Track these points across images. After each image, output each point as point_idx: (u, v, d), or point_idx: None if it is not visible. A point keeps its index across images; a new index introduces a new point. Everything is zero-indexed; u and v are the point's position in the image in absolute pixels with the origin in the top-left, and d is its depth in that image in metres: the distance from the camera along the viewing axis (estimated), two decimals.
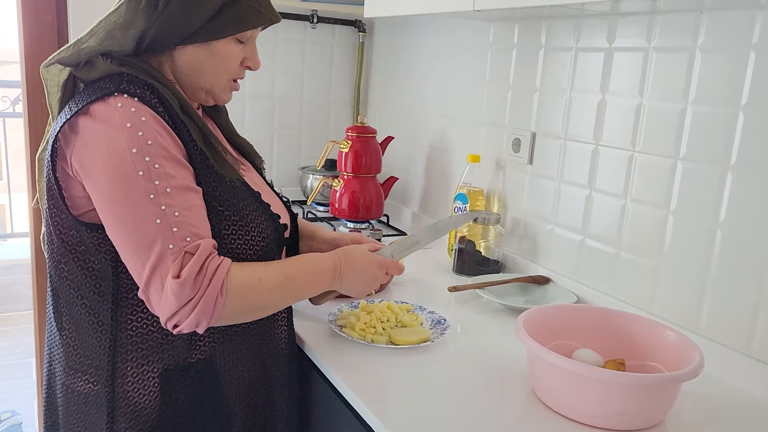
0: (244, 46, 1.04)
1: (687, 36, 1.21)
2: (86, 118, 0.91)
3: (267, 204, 1.05)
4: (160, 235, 0.88)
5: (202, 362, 1.01)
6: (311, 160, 2.39)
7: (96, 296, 0.97)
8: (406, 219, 2.16)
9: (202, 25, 0.97)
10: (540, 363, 1.00)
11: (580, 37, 1.45)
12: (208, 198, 0.96)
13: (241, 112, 2.25)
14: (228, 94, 1.08)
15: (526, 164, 1.62)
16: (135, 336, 0.98)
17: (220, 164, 0.99)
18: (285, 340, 1.13)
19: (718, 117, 1.16)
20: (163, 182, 0.89)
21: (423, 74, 2.06)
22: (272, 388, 1.11)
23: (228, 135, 1.17)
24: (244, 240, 1.00)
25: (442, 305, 1.41)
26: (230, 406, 1.05)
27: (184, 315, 0.88)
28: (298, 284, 1.03)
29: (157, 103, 0.93)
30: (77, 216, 0.95)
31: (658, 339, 1.07)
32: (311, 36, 2.31)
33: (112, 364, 0.98)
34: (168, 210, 0.89)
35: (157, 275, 0.88)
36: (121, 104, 0.90)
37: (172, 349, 0.99)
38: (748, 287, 1.12)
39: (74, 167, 0.92)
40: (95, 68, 0.95)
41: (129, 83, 0.92)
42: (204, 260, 0.89)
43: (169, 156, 0.91)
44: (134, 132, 0.89)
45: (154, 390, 0.98)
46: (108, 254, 0.95)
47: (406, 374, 1.09)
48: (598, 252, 1.43)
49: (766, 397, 1.08)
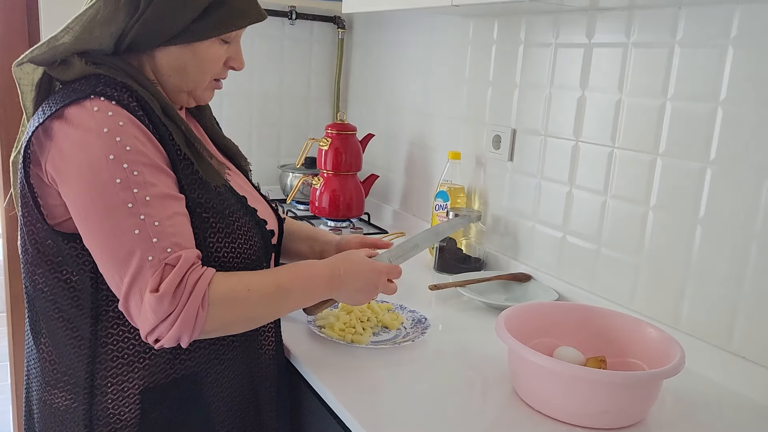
0: (229, 46, 1.00)
1: (666, 31, 1.21)
2: (61, 123, 0.86)
3: (253, 209, 1.00)
4: (138, 247, 0.83)
5: (185, 378, 0.96)
6: (291, 158, 2.37)
7: (74, 309, 0.92)
8: (387, 217, 2.14)
9: (186, 26, 0.93)
10: (521, 361, 0.99)
11: (560, 33, 1.44)
12: (192, 205, 0.91)
13: (219, 109, 2.22)
14: (210, 93, 1.04)
15: (506, 161, 1.61)
16: (115, 350, 0.93)
17: (206, 170, 0.94)
18: (273, 352, 1.08)
19: (697, 112, 1.16)
20: (142, 190, 0.85)
21: (403, 71, 2.05)
22: (261, 406, 1.07)
23: (212, 136, 1.12)
24: (231, 248, 0.95)
25: (423, 304, 1.40)
26: (216, 426, 1.01)
27: (165, 330, 0.84)
28: (291, 294, 0.97)
29: (136, 106, 0.88)
30: (53, 225, 0.90)
31: (639, 336, 1.07)
32: (290, 32, 2.29)
33: (91, 380, 0.93)
34: (147, 220, 0.84)
35: (136, 288, 0.83)
36: (97, 108, 0.85)
37: (154, 365, 0.94)
38: (728, 283, 1.12)
39: (49, 174, 0.87)
40: (71, 68, 0.90)
41: (106, 86, 0.88)
42: (185, 273, 0.84)
43: (149, 162, 0.86)
44: (111, 138, 0.84)
45: (135, 407, 0.94)
46: (87, 265, 0.90)
47: (385, 374, 1.07)
48: (578, 249, 1.42)
49: (746, 393, 1.08)
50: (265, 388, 1.07)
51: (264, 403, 1.07)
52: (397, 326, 1.24)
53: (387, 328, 1.24)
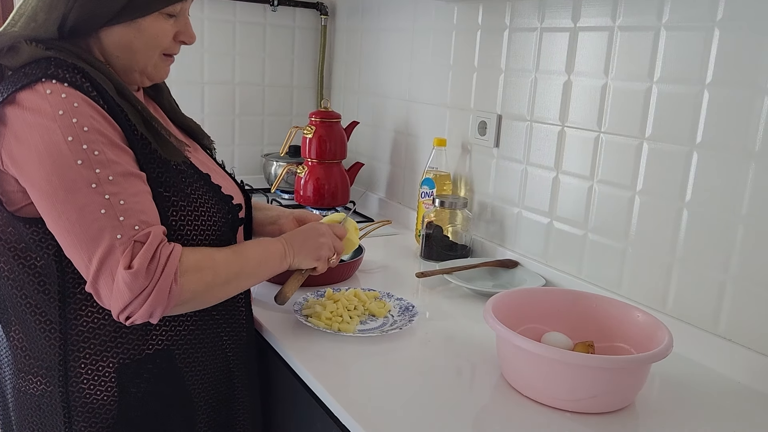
0: (176, 20, 0.98)
1: (651, 14, 1.20)
2: (14, 108, 0.84)
3: (217, 186, 1.00)
4: (106, 226, 0.84)
5: (159, 353, 0.97)
6: (274, 147, 2.34)
7: (41, 294, 0.92)
8: (372, 205, 2.13)
9: (125, 3, 0.91)
10: (509, 347, 0.99)
11: (545, 17, 1.43)
12: (153, 184, 0.91)
13: (201, 98, 2.19)
14: (164, 70, 1.02)
15: (492, 147, 1.60)
16: (86, 332, 0.93)
17: (164, 147, 0.94)
18: (245, 325, 1.09)
19: (683, 96, 1.15)
20: (104, 170, 0.84)
21: (387, 57, 2.03)
22: (234, 377, 1.08)
23: (172, 117, 1.11)
24: (194, 225, 0.95)
25: (410, 291, 1.39)
26: (193, 398, 1.02)
27: (138, 305, 0.85)
28: (250, 254, 1.01)
29: (89, 87, 0.87)
30: (13, 212, 0.90)
31: (626, 320, 1.07)
32: (272, 19, 2.25)
33: (64, 363, 0.93)
34: (113, 198, 0.84)
35: (107, 267, 0.84)
36: (50, 91, 0.84)
37: (127, 342, 0.95)
38: (714, 267, 1.12)
39: (5, 161, 0.86)
40: (19, 54, 0.88)
41: (57, 67, 0.86)
42: (155, 248, 0.85)
43: (108, 141, 0.86)
44: (68, 119, 0.83)
45: (111, 386, 0.94)
46: (50, 249, 0.90)
47: (373, 362, 1.06)
48: (565, 234, 1.42)
49: (732, 375, 1.09)
50: (237, 357, 1.08)
51: (236, 370, 1.08)
52: (385, 314, 1.23)
53: (374, 316, 1.23)
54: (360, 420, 0.89)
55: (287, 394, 1.15)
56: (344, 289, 1.30)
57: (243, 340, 1.09)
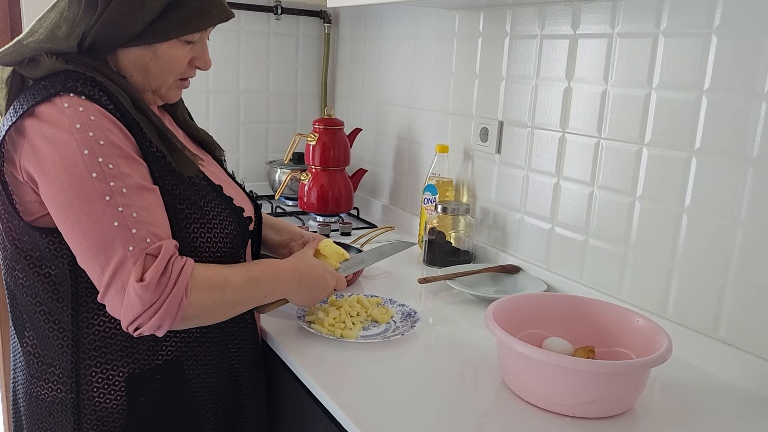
0: (193, 47, 1.00)
1: (650, 21, 1.21)
2: (33, 121, 0.87)
3: (229, 197, 1.02)
4: (119, 238, 0.85)
5: (168, 364, 0.99)
6: (278, 154, 2.36)
7: (55, 302, 0.94)
8: (376, 211, 2.14)
9: (145, 27, 0.92)
10: (510, 353, 0.99)
11: (545, 24, 1.44)
12: (167, 197, 0.92)
13: (206, 106, 2.21)
14: (176, 93, 1.04)
15: (494, 153, 1.61)
16: (98, 340, 0.95)
17: (178, 161, 0.95)
18: (251, 335, 1.11)
19: (682, 102, 1.16)
20: (118, 182, 0.86)
21: (389, 65, 2.04)
22: (241, 388, 1.09)
23: (185, 128, 1.13)
24: (207, 238, 0.97)
25: (412, 297, 1.40)
26: (200, 409, 1.03)
27: (147, 317, 0.85)
28: (262, 286, 1.01)
29: (106, 100, 0.89)
30: (30, 222, 0.91)
31: (627, 325, 1.07)
32: (275, 27, 2.27)
33: (76, 370, 0.95)
34: (125, 211, 0.86)
35: (118, 279, 0.85)
36: (68, 104, 0.86)
37: (137, 352, 0.96)
38: (714, 271, 1.13)
39: (24, 172, 0.88)
40: (40, 66, 0.90)
41: (75, 81, 0.88)
42: (167, 261, 0.86)
43: (123, 154, 0.88)
44: (84, 133, 0.85)
45: (121, 394, 0.96)
46: (65, 259, 0.92)
47: (376, 368, 1.07)
48: (566, 240, 1.43)
49: (732, 380, 1.09)
50: (244, 368, 1.09)
51: (242, 381, 1.09)
52: (387, 320, 1.24)
53: (377, 323, 1.24)
54: (363, 426, 0.90)
55: (290, 400, 1.16)
56: (347, 295, 1.31)
57: (250, 352, 1.10)
